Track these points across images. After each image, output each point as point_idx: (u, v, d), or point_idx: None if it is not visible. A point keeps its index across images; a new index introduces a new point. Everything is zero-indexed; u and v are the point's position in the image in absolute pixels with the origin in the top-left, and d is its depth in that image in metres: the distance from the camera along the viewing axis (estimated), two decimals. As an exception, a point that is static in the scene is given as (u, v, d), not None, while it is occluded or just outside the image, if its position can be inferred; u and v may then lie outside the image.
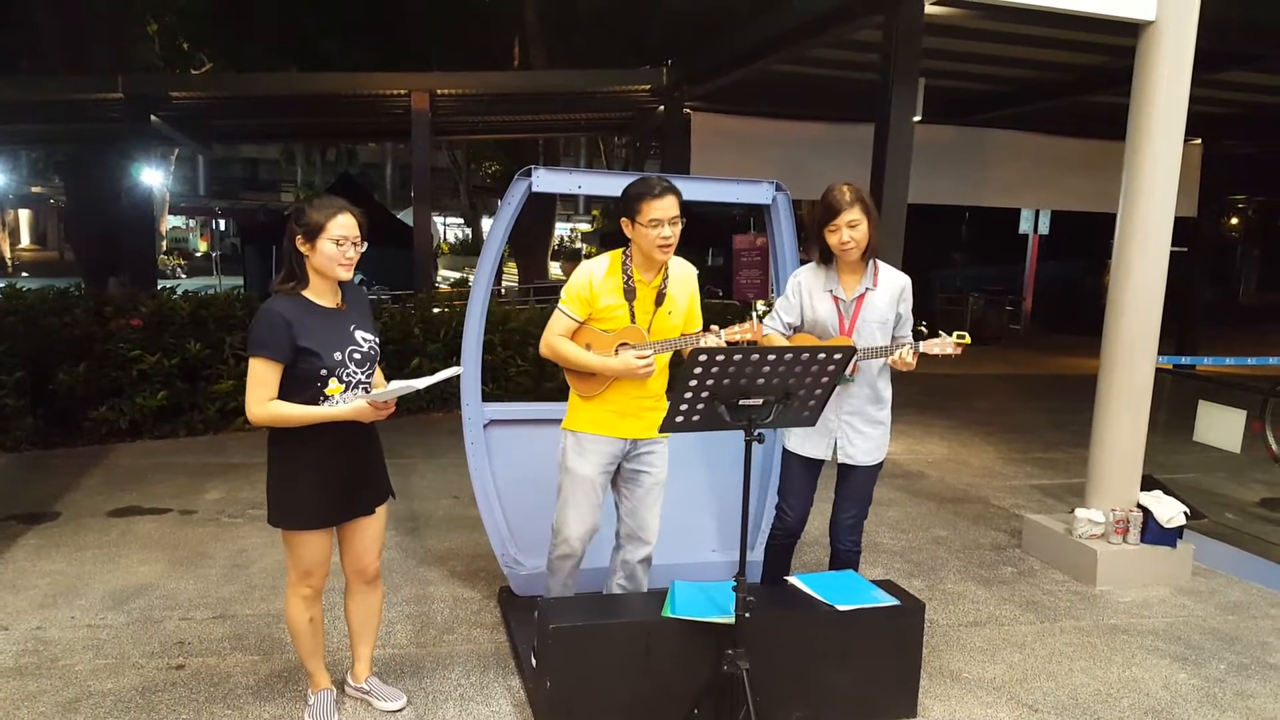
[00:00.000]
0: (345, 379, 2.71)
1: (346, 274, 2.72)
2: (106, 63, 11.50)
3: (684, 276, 3.20)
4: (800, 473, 3.38)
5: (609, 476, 3.19)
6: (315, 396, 2.68)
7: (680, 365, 2.59)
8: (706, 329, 3.07)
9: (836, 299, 3.25)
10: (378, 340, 2.85)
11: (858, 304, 3.24)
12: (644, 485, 3.20)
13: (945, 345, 3.06)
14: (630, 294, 3.06)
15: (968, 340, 3.09)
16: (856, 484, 3.35)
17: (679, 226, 2.97)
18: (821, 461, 3.37)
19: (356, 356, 2.75)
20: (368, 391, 2.77)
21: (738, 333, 2.93)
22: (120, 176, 11.93)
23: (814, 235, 3.26)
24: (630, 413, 3.12)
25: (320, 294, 2.74)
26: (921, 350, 3.08)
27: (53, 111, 11.69)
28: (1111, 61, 8.53)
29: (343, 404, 2.66)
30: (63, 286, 7.73)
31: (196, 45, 17.21)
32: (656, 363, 3.07)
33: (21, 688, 3.19)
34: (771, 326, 3.37)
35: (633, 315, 3.07)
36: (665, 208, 2.93)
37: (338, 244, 2.65)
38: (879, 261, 3.29)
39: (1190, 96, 4.46)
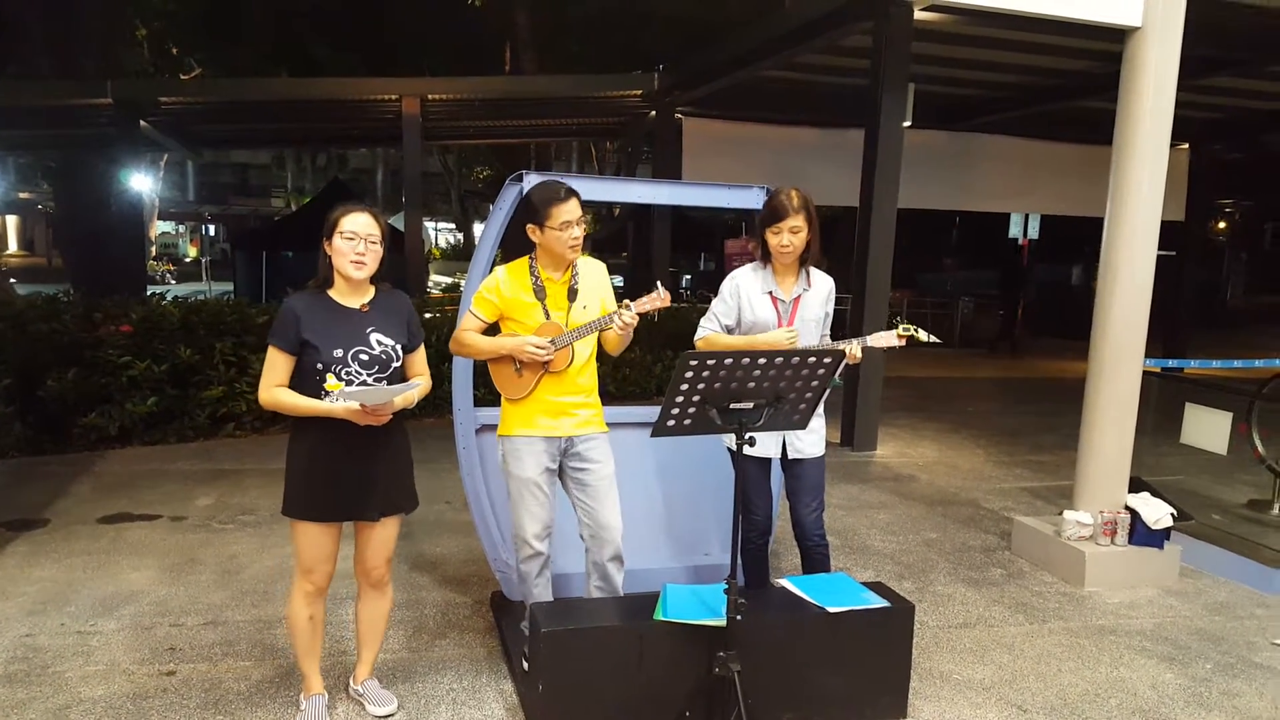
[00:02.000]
0: (345, 377, 2.78)
1: (356, 272, 2.79)
2: (95, 68, 11.47)
3: (594, 272, 3.26)
4: (756, 473, 3.46)
5: (551, 475, 3.21)
6: (317, 390, 2.77)
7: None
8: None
9: (776, 299, 3.37)
10: (399, 345, 2.88)
11: (795, 304, 3.37)
12: (590, 483, 3.21)
13: (889, 338, 3.14)
14: (541, 293, 3.13)
15: (910, 330, 3.16)
16: (810, 476, 3.44)
17: (584, 226, 3.09)
18: (770, 460, 3.46)
19: (363, 358, 2.80)
20: None
21: (647, 303, 2.97)
22: (109, 182, 11.89)
23: (758, 233, 3.37)
24: (559, 411, 3.16)
25: (342, 294, 2.85)
26: (869, 344, 3.14)
27: (41, 116, 11.65)
28: (1099, 67, 8.61)
29: (343, 402, 2.72)
30: (51, 292, 7.70)
31: (186, 50, 17.17)
32: (577, 355, 3.12)
33: (11, 695, 3.18)
34: (709, 328, 3.46)
35: (547, 313, 3.13)
36: (572, 209, 3.04)
37: (348, 239, 2.77)
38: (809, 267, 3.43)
39: (1177, 101, 4.50)
